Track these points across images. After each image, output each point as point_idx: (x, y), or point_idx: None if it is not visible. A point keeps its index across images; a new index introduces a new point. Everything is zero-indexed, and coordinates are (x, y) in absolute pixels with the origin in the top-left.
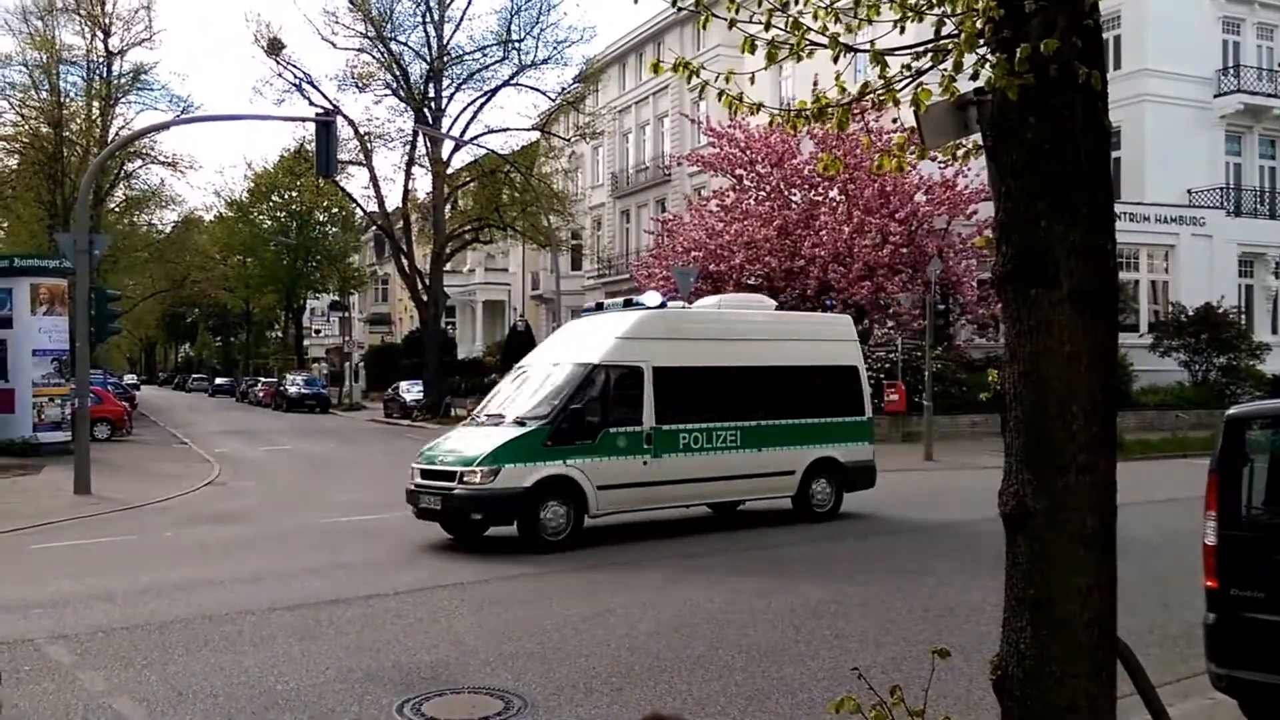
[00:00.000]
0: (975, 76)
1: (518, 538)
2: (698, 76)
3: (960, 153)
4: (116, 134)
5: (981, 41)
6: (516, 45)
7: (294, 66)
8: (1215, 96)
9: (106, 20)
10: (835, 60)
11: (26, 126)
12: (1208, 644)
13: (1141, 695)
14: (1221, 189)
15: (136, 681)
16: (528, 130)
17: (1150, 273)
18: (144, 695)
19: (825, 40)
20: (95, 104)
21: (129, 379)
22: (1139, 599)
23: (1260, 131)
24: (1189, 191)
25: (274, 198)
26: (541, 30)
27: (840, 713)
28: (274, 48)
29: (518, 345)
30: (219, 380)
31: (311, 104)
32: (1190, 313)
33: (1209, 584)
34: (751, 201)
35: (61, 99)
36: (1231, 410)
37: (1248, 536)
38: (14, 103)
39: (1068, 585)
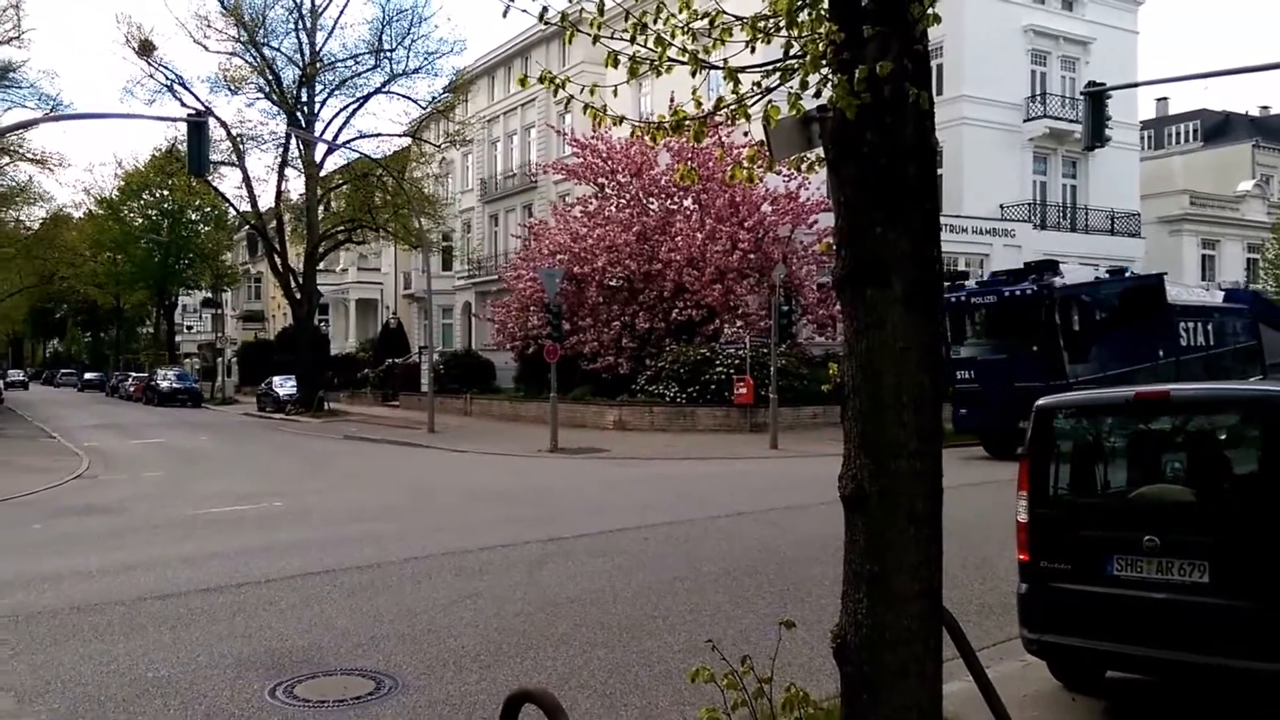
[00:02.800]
0: (819, 94)
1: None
2: (563, 90)
3: (804, 165)
4: None
5: (824, 62)
6: (388, 55)
7: (165, 68)
8: (1024, 121)
9: None
10: (693, 76)
11: None
12: (1020, 612)
13: (964, 659)
14: (1029, 204)
15: (2, 671)
16: (399, 136)
17: (968, 280)
18: (11, 684)
19: (684, 58)
20: None
21: (14, 374)
22: (960, 573)
23: (1063, 153)
24: (1001, 206)
25: (145, 196)
26: (413, 41)
27: (696, 682)
28: (145, 49)
29: (390, 342)
30: (88, 375)
31: (183, 105)
32: None
33: (1021, 558)
34: (613, 208)
35: None
36: (1040, 401)
37: (1055, 514)
38: None
39: (900, 560)
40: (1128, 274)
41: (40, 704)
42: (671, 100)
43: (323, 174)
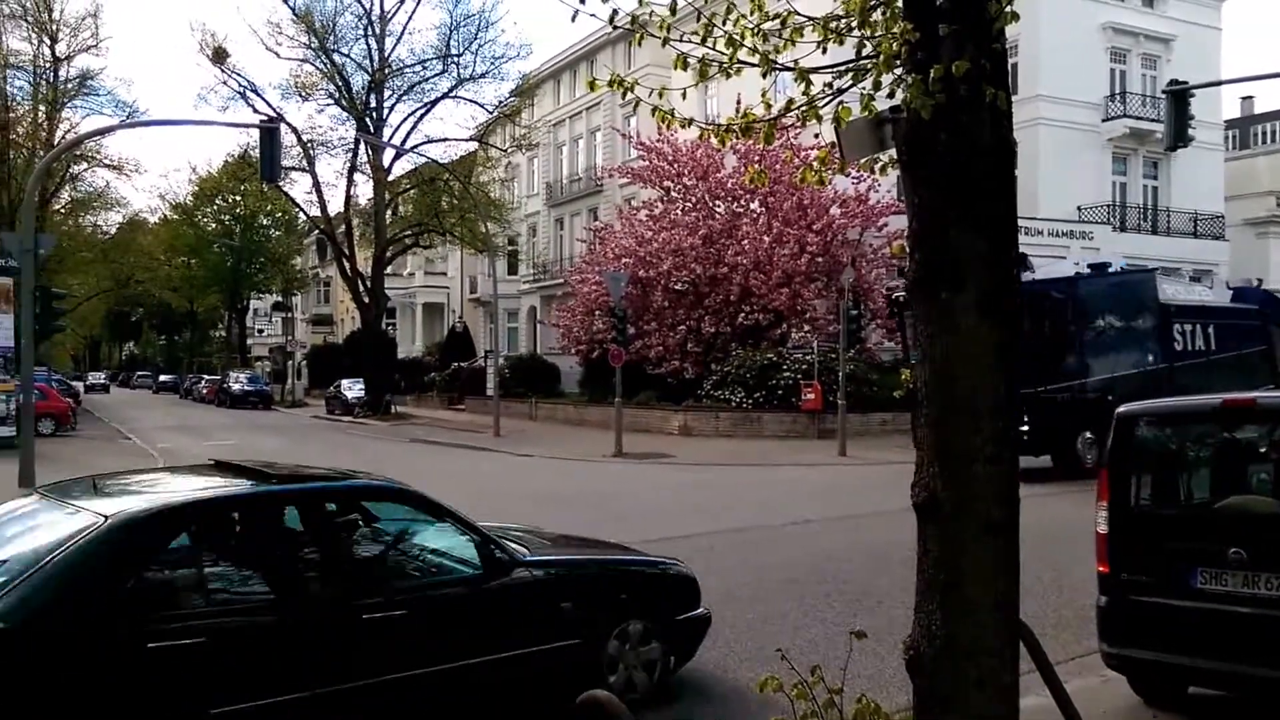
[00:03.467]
0: (892, 95)
1: None
2: (631, 92)
3: (877, 167)
4: (62, 137)
5: (898, 62)
6: (455, 60)
7: (238, 75)
8: (1103, 121)
9: (53, 27)
10: (763, 78)
11: None
12: (1100, 625)
13: (1041, 672)
14: (1108, 206)
15: None
16: (466, 140)
17: None
18: None
19: (754, 59)
20: (41, 108)
21: (95, 377)
22: (1035, 584)
23: (1144, 154)
24: (1079, 208)
25: (218, 201)
26: (479, 46)
27: (765, 691)
28: (219, 56)
29: (456, 345)
30: (163, 377)
31: (255, 111)
32: None
33: (1101, 569)
34: (678, 212)
35: (8, 103)
36: (1121, 409)
37: (1136, 525)
38: None
39: (975, 570)
40: (1112, 269)
41: None
42: (739, 102)
43: (390, 179)
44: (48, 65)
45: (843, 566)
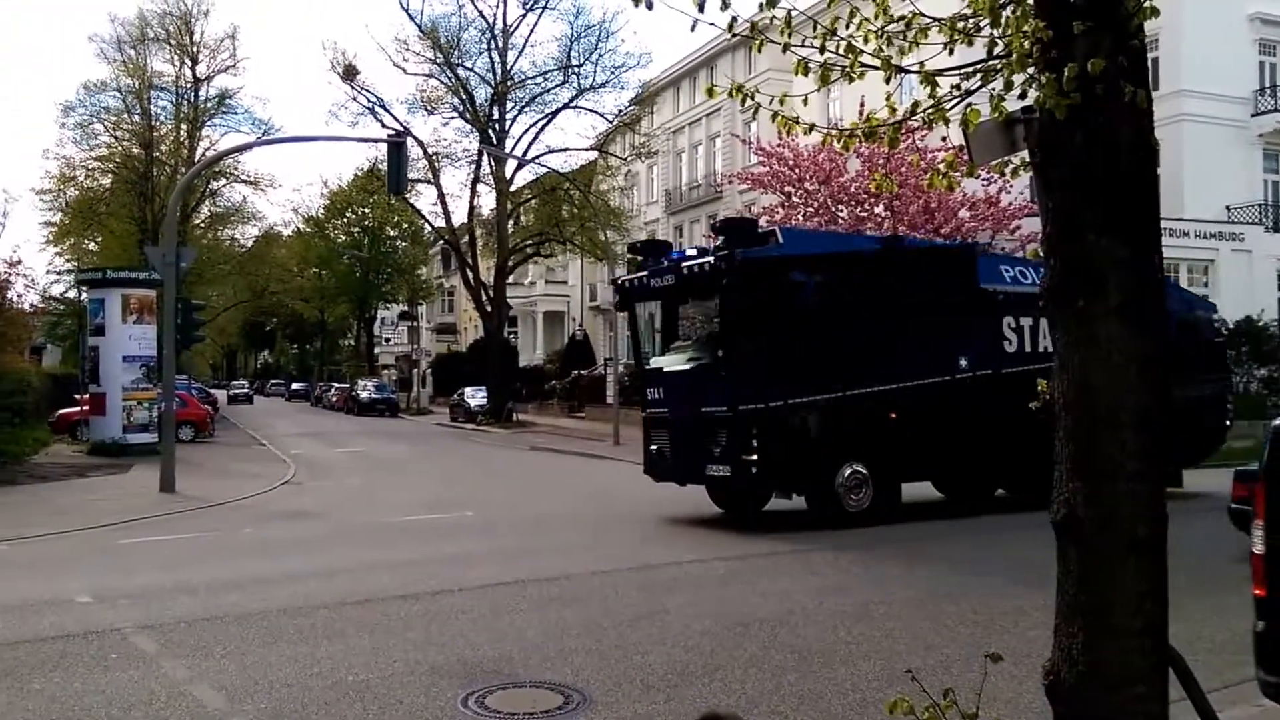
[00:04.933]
0: (1023, 95)
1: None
2: (751, 99)
3: (1008, 169)
4: (202, 155)
5: (1030, 61)
6: (576, 70)
7: (367, 91)
8: (1252, 116)
9: (194, 49)
10: (887, 81)
11: (119, 148)
12: (1257, 651)
13: (1192, 701)
14: (1260, 205)
15: (216, 670)
16: (586, 150)
17: (1191, 287)
18: (223, 684)
19: (877, 62)
20: (183, 127)
21: (238, 386)
22: (1187, 605)
23: None
24: (1227, 208)
25: (348, 214)
26: (600, 56)
27: (894, 714)
28: (349, 74)
29: (576, 353)
30: (295, 385)
31: (383, 126)
32: (1231, 326)
33: (1257, 592)
34: (800, 217)
35: (152, 122)
36: (1278, 421)
37: None
38: (108, 125)
39: (1119, 592)
40: (907, 241)
41: (248, 703)
42: (862, 105)
43: (512, 189)
44: (189, 86)
45: (981, 583)
